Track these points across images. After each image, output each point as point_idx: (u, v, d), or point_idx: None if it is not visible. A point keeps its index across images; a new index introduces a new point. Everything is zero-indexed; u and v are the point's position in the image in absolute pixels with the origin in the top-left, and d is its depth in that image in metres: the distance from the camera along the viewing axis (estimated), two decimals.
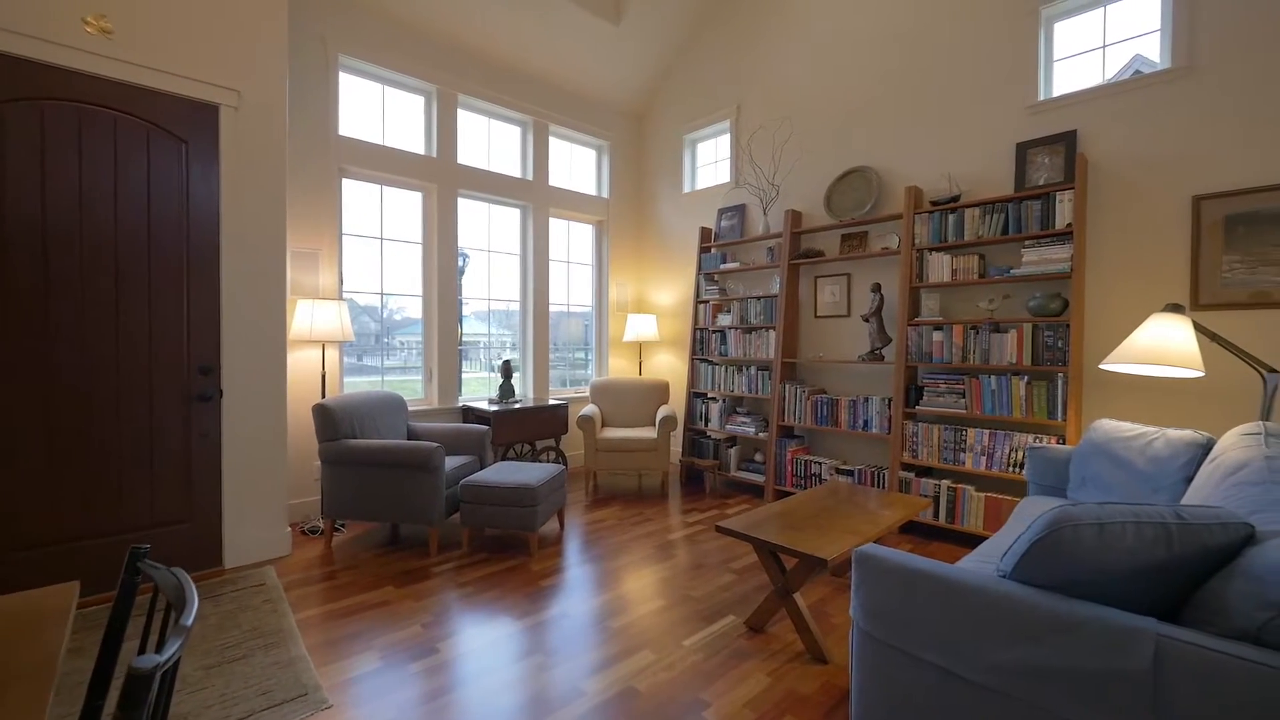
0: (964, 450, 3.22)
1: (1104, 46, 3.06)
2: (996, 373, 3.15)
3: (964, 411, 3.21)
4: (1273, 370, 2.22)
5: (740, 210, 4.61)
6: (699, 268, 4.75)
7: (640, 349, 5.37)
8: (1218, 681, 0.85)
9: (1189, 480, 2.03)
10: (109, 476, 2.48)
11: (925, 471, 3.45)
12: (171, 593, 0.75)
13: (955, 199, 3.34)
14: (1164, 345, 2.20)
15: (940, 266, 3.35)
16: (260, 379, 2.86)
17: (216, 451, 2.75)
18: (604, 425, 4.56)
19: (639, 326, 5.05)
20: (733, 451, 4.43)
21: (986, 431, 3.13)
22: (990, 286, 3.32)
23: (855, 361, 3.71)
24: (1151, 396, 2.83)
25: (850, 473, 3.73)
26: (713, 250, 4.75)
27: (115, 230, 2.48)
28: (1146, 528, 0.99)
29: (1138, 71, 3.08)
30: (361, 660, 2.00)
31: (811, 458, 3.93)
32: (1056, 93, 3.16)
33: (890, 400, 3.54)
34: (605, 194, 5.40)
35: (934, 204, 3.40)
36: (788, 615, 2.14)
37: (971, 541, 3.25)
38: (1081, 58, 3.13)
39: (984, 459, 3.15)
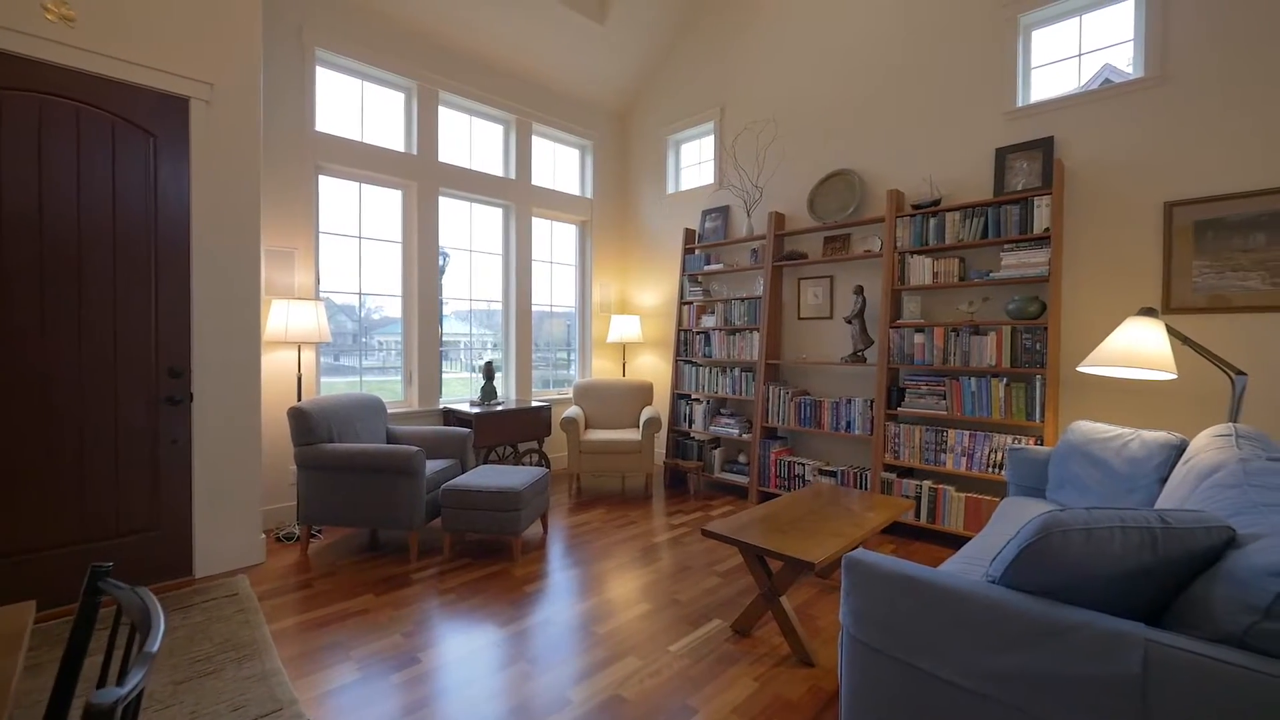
0: (945, 451, 3.26)
1: (1080, 55, 3.13)
2: (976, 374, 3.20)
3: (945, 413, 3.25)
4: (1240, 372, 2.28)
5: (724, 212, 4.62)
6: (683, 269, 4.75)
7: (624, 350, 5.35)
8: (1205, 686, 0.86)
9: (1163, 481, 2.08)
10: (71, 483, 2.38)
11: (907, 472, 3.49)
12: (136, 615, 0.70)
13: (936, 203, 3.38)
14: (1139, 348, 2.25)
15: (921, 269, 3.38)
16: (233, 381, 2.77)
17: (187, 456, 2.65)
18: (588, 427, 4.52)
19: (622, 328, 5.03)
20: (716, 453, 4.43)
21: (967, 433, 3.18)
22: (970, 289, 3.37)
23: (838, 363, 3.73)
24: (1124, 398, 2.89)
25: (833, 474, 3.75)
26: (696, 251, 4.74)
27: (78, 226, 2.38)
28: (1132, 532, 1.00)
29: (1107, 80, 3.15)
30: (339, 672, 1.95)
31: (795, 459, 3.95)
32: (1034, 99, 3.22)
33: (872, 402, 3.56)
34: (589, 194, 5.36)
35: (915, 208, 3.44)
36: (774, 618, 2.13)
37: (952, 541, 3.29)
38: (1058, 65, 3.19)
39: (964, 460, 3.19)
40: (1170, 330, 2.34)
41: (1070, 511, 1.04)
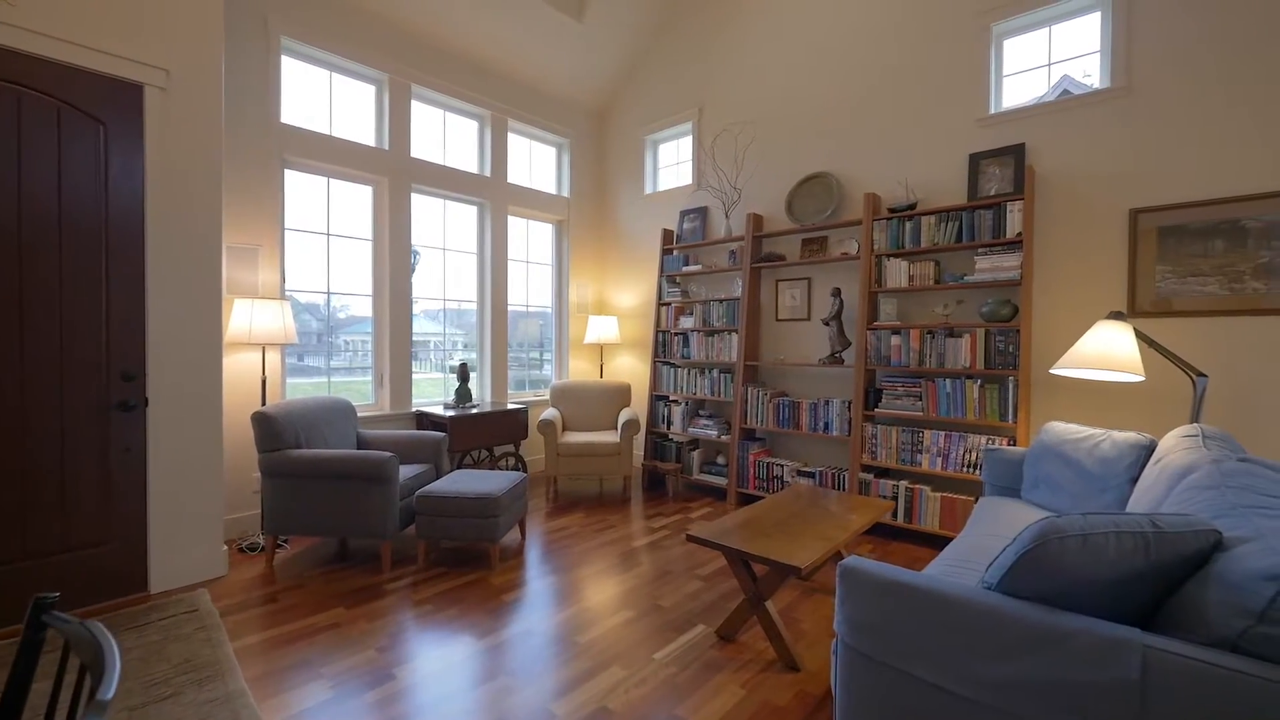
0: (921, 451, 3.31)
1: (1049, 64, 3.21)
2: (951, 376, 3.25)
3: (921, 414, 3.29)
4: (1201, 374, 2.37)
5: (702, 213, 4.61)
6: (661, 269, 4.72)
7: (601, 351, 5.29)
8: (1203, 692, 0.86)
9: (1134, 480, 2.13)
10: (11, 495, 2.21)
11: (883, 473, 3.53)
12: (87, 654, 0.63)
13: (912, 206, 3.43)
14: (1110, 351, 2.31)
15: (898, 272, 3.43)
16: (192, 385, 2.63)
17: (141, 465, 2.50)
18: (565, 429, 4.46)
19: (600, 328, 4.97)
20: (695, 454, 4.41)
21: (942, 433, 3.23)
22: (945, 292, 3.42)
23: (816, 364, 3.75)
24: (1090, 398, 2.97)
25: (811, 474, 3.77)
26: (675, 252, 4.72)
27: (19, 217, 2.21)
28: (1126, 537, 1.01)
29: (1066, 91, 3.23)
30: (310, 691, 1.85)
31: (773, 460, 3.96)
32: (1006, 107, 3.29)
33: (850, 403, 3.60)
34: (565, 193, 5.29)
35: (891, 211, 3.48)
36: (759, 623, 2.12)
37: (929, 541, 3.34)
38: (1030, 74, 3.27)
39: (940, 460, 3.24)
40: (1138, 333, 2.42)
41: (1067, 518, 1.04)
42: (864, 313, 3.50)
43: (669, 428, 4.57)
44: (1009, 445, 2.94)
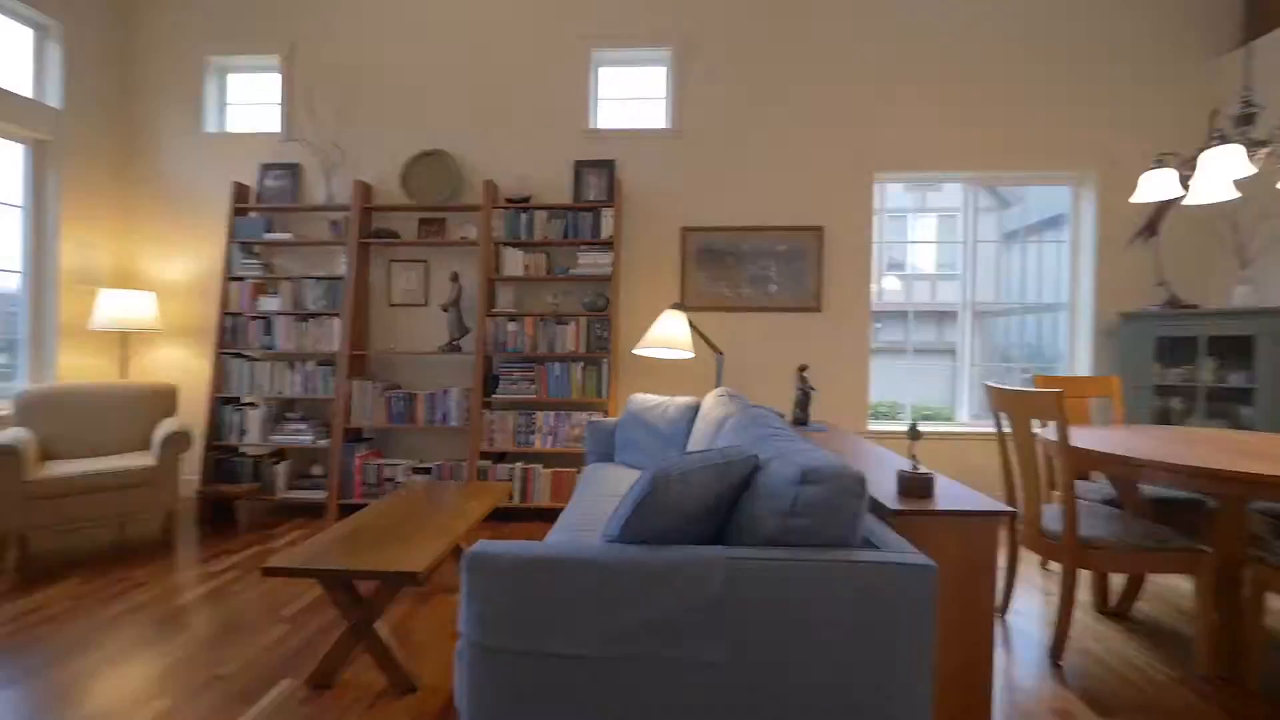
0: (534, 432, 3.47)
1: (633, 99, 3.83)
2: (560, 360, 3.52)
3: (535, 396, 3.46)
4: (720, 352, 3.19)
5: (294, 170, 3.76)
6: (231, 234, 3.63)
7: (125, 340, 3.72)
8: (761, 583, 1.05)
9: (690, 434, 2.69)
10: None
11: (500, 457, 3.56)
12: None
13: (527, 200, 3.57)
14: (672, 335, 2.85)
15: (515, 261, 3.51)
16: None
17: None
18: (46, 458, 2.93)
19: (122, 306, 3.48)
20: (280, 468, 3.55)
21: (553, 413, 3.46)
22: (554, 283, 3.69)
23: (434, 353, 3.52)
24: (658, 373, 3.69)
25: (429, 470, 3.51)
26: (253, 215, 3.71)
27: None
28: (710, 469, 1.17)
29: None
30: None
31: (385, 461, 3.53)
32: (602, 125, 3.77)
33: (470, 390, 3.50)
34: (53, 101, 3.51)
35: (509, 201, 3.55)
36: (368, 652, 1.76)
37: (544, 516, 3.53)
38: (624, 101, 3.83)
39: (550, 438, 3.46)
40: (690, 323, 3.09)
41: (669, 461, 1.14)
42: (483, 300, 3.46)
43: (242, 438, 3.54)
44: (604, 418, 3.36)
